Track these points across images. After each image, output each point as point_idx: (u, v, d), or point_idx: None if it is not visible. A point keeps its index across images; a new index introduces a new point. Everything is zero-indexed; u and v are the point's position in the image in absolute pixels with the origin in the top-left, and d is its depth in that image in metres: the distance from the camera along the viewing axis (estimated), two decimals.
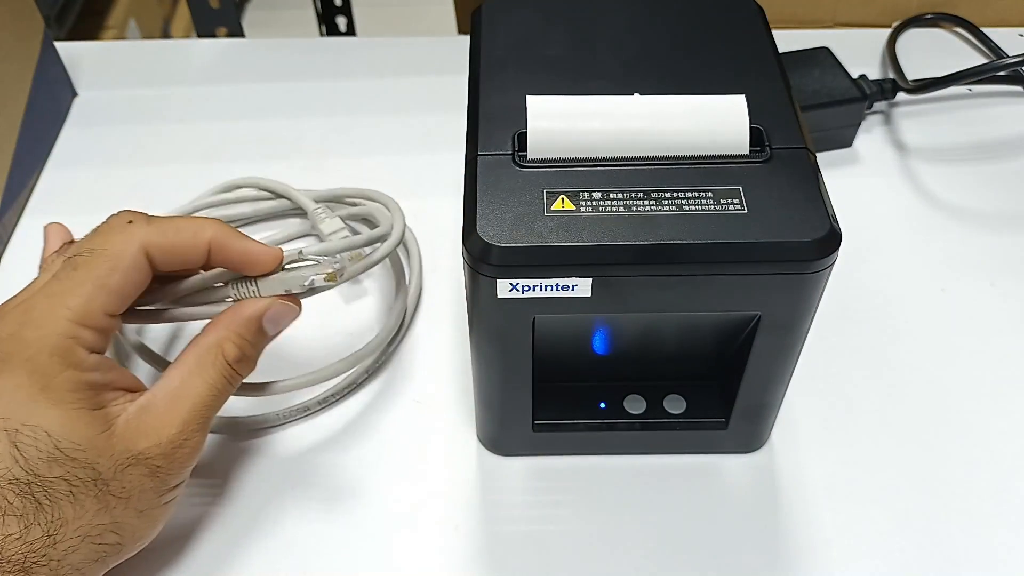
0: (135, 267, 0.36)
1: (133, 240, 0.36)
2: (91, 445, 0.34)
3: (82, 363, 0.34)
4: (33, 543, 0.32)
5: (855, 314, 0.49)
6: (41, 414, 0.33)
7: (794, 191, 0.34)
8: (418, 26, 1.68)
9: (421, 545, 0.41)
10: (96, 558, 0.34)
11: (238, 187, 0.54)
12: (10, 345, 0.34)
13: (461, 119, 0.38)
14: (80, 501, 0.33)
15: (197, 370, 0.37)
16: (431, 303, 0.50)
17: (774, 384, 0.40)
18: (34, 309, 0.34)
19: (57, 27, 1.14)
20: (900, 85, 0.59)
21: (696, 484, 0.43)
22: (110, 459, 0.34)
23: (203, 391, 0.36)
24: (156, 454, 0.35)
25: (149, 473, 0.35)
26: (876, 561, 0.40)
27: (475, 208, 0.34)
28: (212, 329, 0.37)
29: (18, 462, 0.32)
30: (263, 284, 0.38)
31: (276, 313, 0.38)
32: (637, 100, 0.36)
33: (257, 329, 0.38)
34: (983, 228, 0.54)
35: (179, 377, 0.37)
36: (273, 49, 0.68)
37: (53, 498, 0.33)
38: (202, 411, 0.36)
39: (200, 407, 0.36)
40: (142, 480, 0.35)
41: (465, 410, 0.46)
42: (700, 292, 0.34)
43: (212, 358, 0.37)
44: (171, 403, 0.36)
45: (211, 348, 0.37)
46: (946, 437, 0.44)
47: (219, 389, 0.37)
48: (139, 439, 0.35)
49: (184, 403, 0.36)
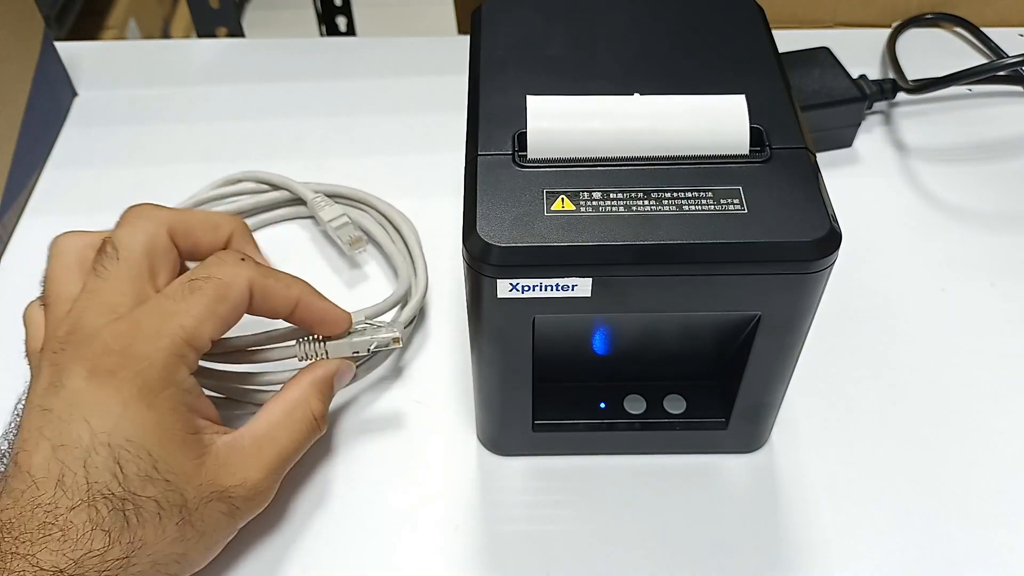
0: (242, 301, 0.37)
1: (243, 276, 0.37)
2: (183, 471, 0.34)
3: (183, 382, 0.35)
4: (111, 562, 0.32)
5: (855, 314, 0.49)
6: (146, 432, 0.34)
7: (794, 191, 0.34)
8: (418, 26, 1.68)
9: (421, 545, 0.41)
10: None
11: (238, 181, 0.54)
12: (120, 359, 0.34)
13: (461, 119, 0.38)
14: (163, 526, 0.34)
15: (285, 421, 0.38)
16: (431, 303, 0.50)
17: (774, 384, 0.40)
18: (145, 326, 0.35)
19: (57, 27, 1.14)
20: (900, 85, 0.59)
21: (696, 484, 0.43)
22: (197, 489, 0.35)
23: (288, 442, 0.38)
24: (239, 495, 0.36)
25: (227, 511, 0.36)
26: (876, 561, 0.40)
27: (475, 208, 0.34)
28: (297, 385, 0.40)
29: (116, 477, 0.33)
30: (332, 346, 0.41)
31: (343, 373, 0.41)
32: (637, 100, 0.36)
33: (331, 387, 0.41)
34: (983, 228, 0.54)
35: (267, 425, 0.38)
36: (273, 49, 0.68)
37: (142, 518, 0.33)
38: (284, 461, 0.38)
39: (283, 457, 0.38)
40: (219, 517, 0.36)
41: (465, 410, 0.46)
42: (700, 292, 0.34)
43: (301, 413, 0.39)
44: (259, 448, 0.37)
45: (300, 403, 0.39)
46: (946, 437, 0.44)
47: (301, 442, 0.39)
48: (226, 476, 0.36)
49: (270, 451, 0.38)
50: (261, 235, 0.54)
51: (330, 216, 0.51)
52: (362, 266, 0.52)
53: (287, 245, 0.54)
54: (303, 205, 0.54)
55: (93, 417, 0.33)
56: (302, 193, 0.53)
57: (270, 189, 0.54)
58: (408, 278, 0.49)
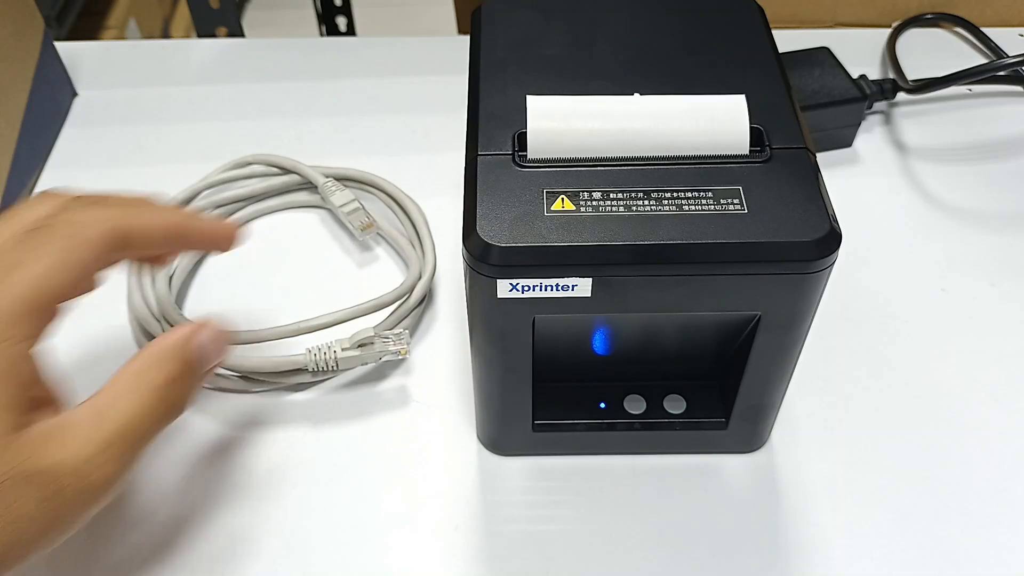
0: (100, 247, 0.33)
1: (99, 218, 0.33)
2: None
3: (17, 350, 0.30)
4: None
5: (855, 314, 0.49)
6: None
7: (794, 191, 0.34)
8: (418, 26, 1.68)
9: (421, 545, 0.41)
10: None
11: (248, 164, 0.55)
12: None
13: (461, 119, 0.38)
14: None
15: (126, 392, 0.33)
16: (431, 303, 0.50)
17: (774, 384, 0.40)
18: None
19: (57, 27, 1.14)
20: (900, 85, 0.59)
21: (696, 484, 0.43)
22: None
23: (133, 409, 0.32)
24: (64, 478, 0.30)
25: (45, 498, 0.29)
26: (876, 561, 0.40)
27: (475, 208, 0.34)
28: (144, 351, 0.34)
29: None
30: (342, 358, 0.44)
31: (203, 342, 0.35)
32: (637, 100, 0.36)
33: (188, 357, 0.35)
34: (983, 228, 0.54)
35: (109, 395, 0.32)
36: (273, 49, 0.68)
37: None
38: (129, 432, 0.32)
39: (128, 427, 0.32)
40: (33, 506, 0.29)
41: (465, 410, 0.46)
42: (700, 292, 0.34)
43: (143, 378, 0.33)
44: (97, 419, 0.31)
45: (139, 369, 0.33)
46: (946, 437, 0.44)
47: (151, 408, 0.33)
48: (44, 455, 0.29)
49: (111, 419, 0.32)
50: (271, 219, 0.54)
51: (341, 201, 0.51)
52: (372, 248, 0.53)
53: (296, 228, 0.54)
54: (313, 189, 0.54)
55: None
56: (312, 177, 0.53)
57: (280, 173, 0.55)
58: (417, 266, 0.49)
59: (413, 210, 0.52)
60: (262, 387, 0.45)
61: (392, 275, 0.52)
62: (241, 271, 0.52)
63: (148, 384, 0.33)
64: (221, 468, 0.44)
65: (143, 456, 0.33)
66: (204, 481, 0.43)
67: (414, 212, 0.52)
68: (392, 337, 0.45)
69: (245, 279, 0.52)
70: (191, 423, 0.45)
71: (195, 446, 0.44)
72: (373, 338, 0.44)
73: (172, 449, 0.44)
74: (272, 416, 0.45)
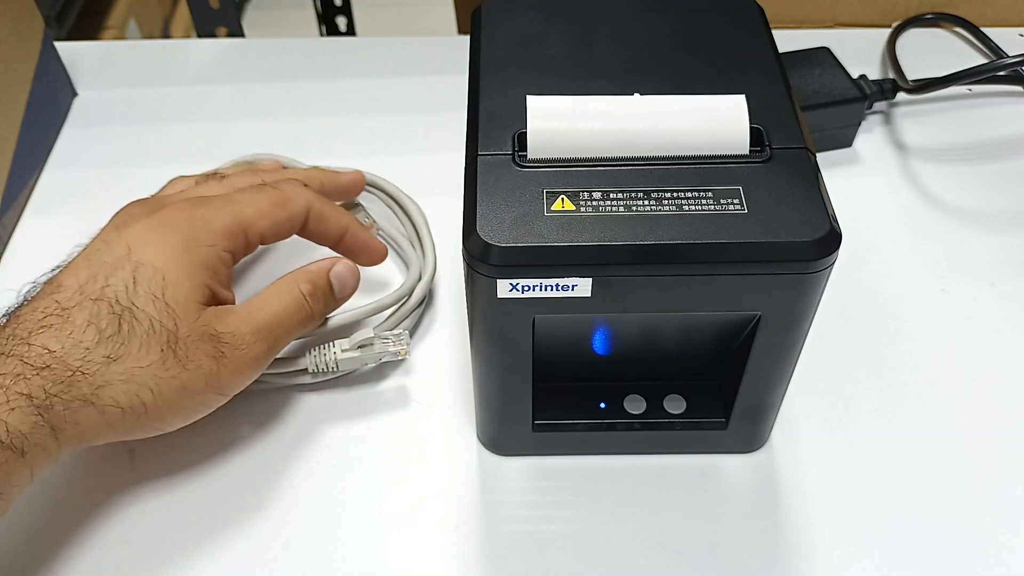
0: (299, 215, 0.44)
1: (304, 195, 0.44)
2: (186, 305, 0.38)
3: (222, 255, 0.41)
4: (94, 360, 0.36)
5: (855, 314, 0.49)
6: (170, 263, 0.38)
7: (794, 191, 0.34)
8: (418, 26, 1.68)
9: (421, 545, 0.41)
10: (122, 406, 0.36)
11: (248, 164, 0.55)
12: (182, 218, 0.40)
13: (461, 119, 0.38)
14: (148, 345, 0.37)
15: (275, 295, 0.42)
16: (431, 303, 0.50)
17: (774, 384, 0.40)
18: (212, 204, 0.42)
19: (57, 27, 1.13)
20: (900, 85, 0.59)
21: (696, 484, 0.43)
22: (191, 325, 0.38)
23: (277, 310, 0.41)
24: (227, 341, 0.39)
25: (214, 355, 0.38)
26: (876, 561, 0.40)
27: (475, 208, 0.34)
28: (295, 271, 0.43)
29: (127, 289, 0.37)
30: (342, 359, 0.44)
31: (341, 271, 0.44)
32: (637, 100, 0.36)
33: (327, 281, 0.44)
34: (983, 228, 0.54)
35: (259, 299, 0.42)
36: (273, 49, 0.68)
37: (133, 331, 0.37)
38: (274, 325, 0.41)
39: (272, 322, 0.41)
40: (204, 359, 0.38)
41: (465, 410, 0.46)
42: (700, 292, 0.34)
43: (289, 290, 0.42)
44: (251, 312, 0.41)
45: (287, 282, 0.43)
46: (946, 437, 0.44)
47: (289, 314, 0.42)
48: (219, 324, 0.39)
49: (261, 314, 0.41)
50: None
51: (341, 201, 0.51)
52: None
53: None
54: None
55: (136, 243, 0.39)
56: None
57: None
58: (417, 267, 0.49)
59: (413, 210, 0.52)
60: (262, 387, 0.45)
61: (392, 275, 0.52)
62: (241, 271, 0.52)
63: (291, 294, 0.42)
64: (221, 468, 0.44)
65: (283, 347, 0.42)
66: (204, 481, 0.43)
67: (414, 212, 0.52)
68: (392, 338, 0.45)
69: (245, 279, 0.52)
70: (191, 424, 0.45)
71: (195, 446, 0.44)
72: (373, 339, 0.45)
73: (172, 449, 0.44)
74: (272, 416, 0.45)
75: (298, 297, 0.42)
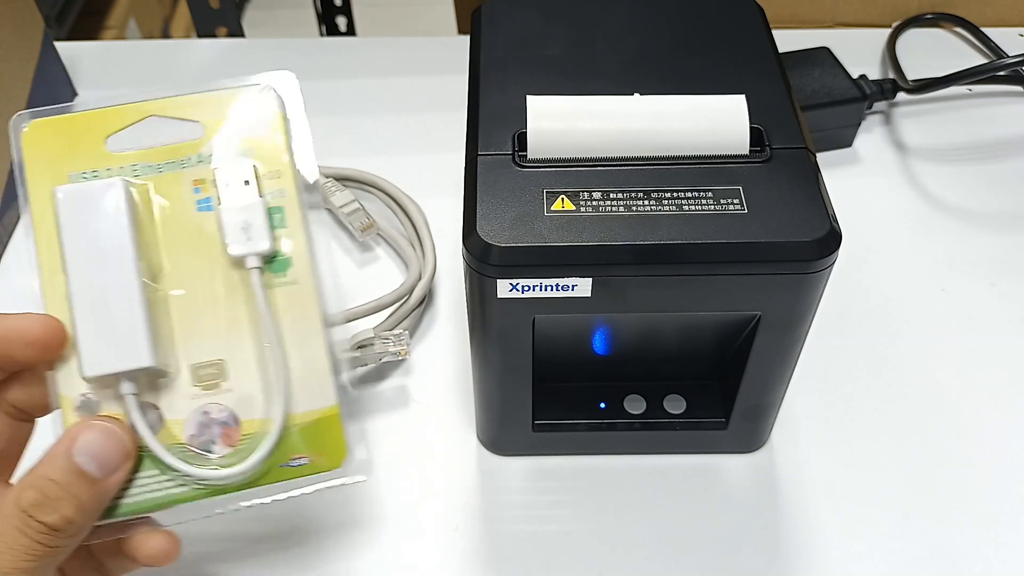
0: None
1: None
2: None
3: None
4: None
5: (855, 314, 0.49)
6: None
7: (794, 191, 0.34)
8: (418, 26, 1.68)
9: (421, 545, 0.41)
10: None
11: None
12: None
13: (461, 119, 0.38)
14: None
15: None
16: (431, 303, 0.50)
17: (774, 384, 0.40)
18: None
19: (57, 27, 1.13)
20: (900, 85, 0.59)
21: (696, 484, 0.43)
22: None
23: (4, 565, 0.26)
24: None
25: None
26: (876, 561, 0.40)
27: (475, 208, 0.34)
28: (16, 483, 0.28)
29: None
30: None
31: (89, 443, 0.28)
32: (637, 100, 0.36)
33: (67, 467, 0.28)
34: (983, 228, 0.54)
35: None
36: (273, 49, 0.68)
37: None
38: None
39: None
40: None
41: (465, 410, 0.46)
42: (700, 292, 0.34)
43: (7, 513, 0.27)
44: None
45: (6, 504, 0.27)
46: (946, 437, 0.44)
47: (17, 550, 0.26)
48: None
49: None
50: None
51: (341, 202, 0.52)
52: (372, 248, 0.53)
53: None
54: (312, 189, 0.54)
55: None
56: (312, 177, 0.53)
57: None
58: (417, 267, 0.49)
59: (413, 210, 0.52)
60: None
61: (392, 275, 0.52)
62: None
63: (15, 519, 0.27)
64: None
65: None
66: None
67: (414, 212, 0.52)
68: (392, 338, 0.45)
69: None
70: None
71: None
72: (373, 339, 0.44)
73: None
74: None
75: (25, 525, 0.27)
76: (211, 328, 0.32)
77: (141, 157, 0.33)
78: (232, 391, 0.32)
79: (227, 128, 0.34)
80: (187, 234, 0.33)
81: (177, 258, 0.33)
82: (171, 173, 0.33)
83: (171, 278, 0.32)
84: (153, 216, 0.32)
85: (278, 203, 0.33)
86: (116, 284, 0.31)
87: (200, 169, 0.33)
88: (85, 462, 0.28)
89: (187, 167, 0.33)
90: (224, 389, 0.32)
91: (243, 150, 0.33)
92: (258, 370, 0.32)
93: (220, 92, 0.34)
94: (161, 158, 0.33)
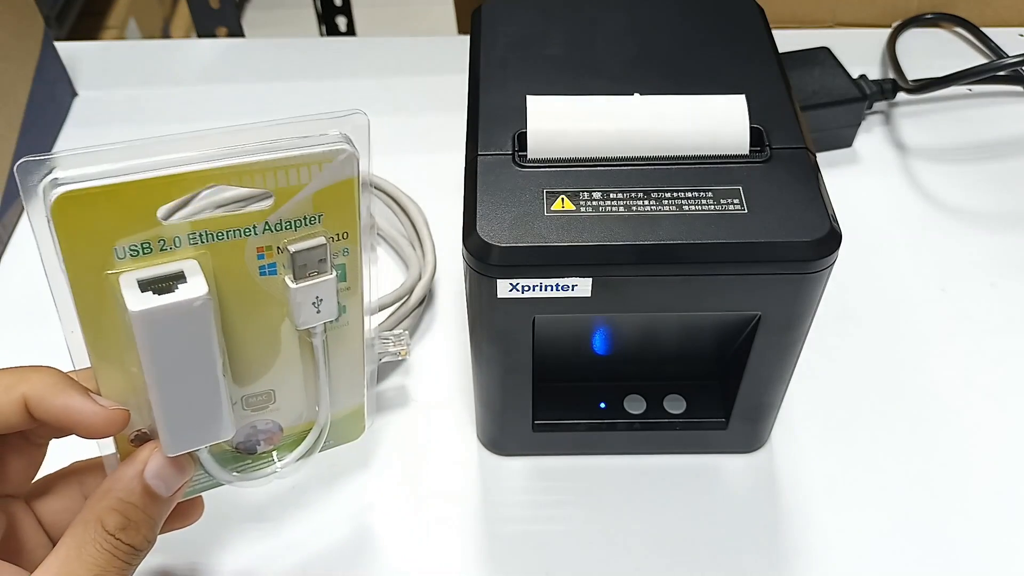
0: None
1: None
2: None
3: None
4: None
5: (855, 314, 0.49)
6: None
7: (794, 191, 0.34)
8: (418, 26, 1.68)
9: (421, 545, 0.41)
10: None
11: None
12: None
13: (461, 119, 0.38)
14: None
15: (76, 553, 0.29)
16: (431, 303, 0.50)
17: (774, 384, 0.40)
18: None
19: (57, 27, 1.13)
20: (900, 85, 0.59)
21: (696, 484, 0.43)
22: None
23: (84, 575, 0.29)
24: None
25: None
26: (876, 561, 0.40)
27: (475, 208, 0.34)
28: (90, 502, 0.30)
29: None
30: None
31: (159, 468, 0.31)
32: (637, 100, 0.36)
33: (142, 490, 0.30)
34: (983, 228, 0.54)
35: (56, 565, 0.29)
36: (273, 49, 0.68)
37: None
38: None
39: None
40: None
41: (465, 410, 0.46)
42: (700, 292, 0.34)
43: (91, 535, 0.29)
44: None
45: (89, 524, 0.30)
46: (946, 437, 0.44)
47: (105, 569, 0.29)
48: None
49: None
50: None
51: None
52: (372, 248, 0.53)
53: None
54: None
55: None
56: None
57: None
58: (417, 267, 0.49)
59: (413, 210, 0.52)
60: None
61: (392, 275, 0.52)
62: None
63: (97, 538, 0.29)
64: None
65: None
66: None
67: (414, 212, 0.52)
68: (392, 338, 0.45)
69: None
70: None
71: None
72: (373, 339, 0.44)
73: None
74: None
75: (107, 544, 0.29)
76: (265, 369, 0.33)
77: (198, 226, 0.29)
78: (279, 410, 0.35)
79: (300, 197, 0.31)
80: (249, 299, 0.31)
81: (236, 320, 0.31)
82: (234, 241, 0.30)
83: (232, 338, 0.31)
84: (213, 286, 0.30)
85: (341, 261, 0.33)
86: (198, 383, 0.30)
87: (267, 237, 0.31)
88: (156, 484, 0.31)
89: (252, 236, 0.30)
90: (271, 409, 0.35)
91: (313, 215, 0.31)
92: (303, 391, 0.35)
93: (296, 156, 0.31)
94: (222, 226, 0.30)
